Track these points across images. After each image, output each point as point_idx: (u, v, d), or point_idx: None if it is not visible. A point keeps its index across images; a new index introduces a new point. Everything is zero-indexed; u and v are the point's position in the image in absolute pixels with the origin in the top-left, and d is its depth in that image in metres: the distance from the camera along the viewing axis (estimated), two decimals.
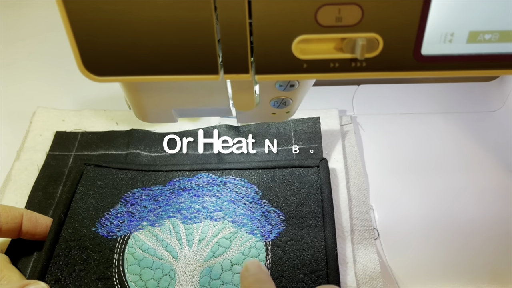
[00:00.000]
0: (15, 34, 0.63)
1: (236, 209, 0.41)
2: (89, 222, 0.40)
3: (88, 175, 0.43)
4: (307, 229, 0.39)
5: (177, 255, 0.38)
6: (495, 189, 0.45)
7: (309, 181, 0.42)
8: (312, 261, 0.37)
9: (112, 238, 0.39)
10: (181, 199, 0.42)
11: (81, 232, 0.39)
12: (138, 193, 0.42)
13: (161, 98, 0.31)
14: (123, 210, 0.41)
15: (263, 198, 0.41)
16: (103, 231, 0.39)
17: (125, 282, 0.37)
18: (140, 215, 0.41)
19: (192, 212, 0.41)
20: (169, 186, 0.43)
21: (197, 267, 0.37)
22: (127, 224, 0.40)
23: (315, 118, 0.48)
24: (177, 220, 0.40)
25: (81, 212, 0.40)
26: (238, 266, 0.37)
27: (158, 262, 0.38)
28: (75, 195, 0.42)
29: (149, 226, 0.40)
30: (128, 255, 0.38)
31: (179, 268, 0.37)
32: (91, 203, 0.41)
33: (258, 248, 0.38)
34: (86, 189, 0.42)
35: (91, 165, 0.44)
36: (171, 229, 0.40)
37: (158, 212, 0.41)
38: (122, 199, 0.42)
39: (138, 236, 0.39)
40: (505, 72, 0.23)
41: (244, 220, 0.40)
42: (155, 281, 0.37)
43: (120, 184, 0.43)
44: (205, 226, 0.40)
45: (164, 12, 0.21)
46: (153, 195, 0.42)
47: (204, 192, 0.42)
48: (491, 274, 0.40)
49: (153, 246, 0.39)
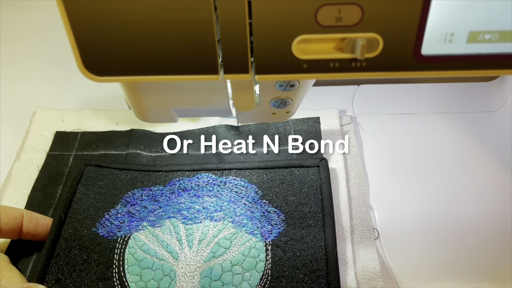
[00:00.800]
0: (15, 34, 0.63)
1: (236, 209, 0.41)
2: (89, 222, 0.40)
3: (88, 175, 0.43)
4: (307, 229, 0.39)
5: (177, 255, 0.38)
6: (495, 189, 0.45)
7: (309, 181, 0.42)
8: (312, 261, 0.37)
9: (113, 238, 0.39)
10: (181, 200, 0.42)
11: (82, 232, 0.39)
12: (138, 193, 0.42)
13: (161, 98, 0.31)
14: (123, 210, 0.41)
15: (263, 198, 0.41)
16: (103, 231, 0.39)
17: (126, 282, 0.36)
18: (140, 215, 0.41)
19: (192, 212, 0.41)
20: (169, 186, 0.43)
21: (197, 268, 0.37)
22: (127, 224, 0.40)
23: (315, 118, 0.48)
24: (177, 221, 0.40)
25: (81, 212, 0.40)
26: (238, 267, 0.37)
27: (158, 262, 0.38)
28: (75, 195, 0.41)
29: (149, 227, 0.40)
30: (129, 256, 0.38)
31: (180, 269, 0.37)
32: (91, 203, 0.41)
33: (258, 249, 0.38)
34: (86, 189, 0.42)
35: (91, 165, 0.44)
36: (171, 229, 0.40)
37: (158, 213, 0.41)
38: (122, 200, 0.42)
39: (138, 237, 0.39)
40: (505, 72, 0.23)
41: (244, 221, 0.40)
42: (156, 281, 0.37)
43: (120, 184, 0.43)
44: (205, 227, 0.40)
45: (164, 12, 0.21)
46: (153, 195, 0.42)
47: (204, 193, 0.42)
48: (490, 274, 0.40)
49: (154, 247, 0.38)
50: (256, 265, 0.37)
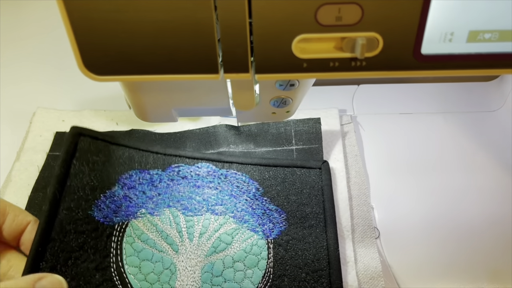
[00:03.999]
0: (15, 34, 0.63)
1: (237, 205, 0.40)
2: (85, 204, 0.38)
3: (82, 147, 0.40)
4: (309, 229, 0.38)
5: (177, 248, 0.37)
6: (495, 189, 0.45)
7: (311, 182, 0.41)
8: (314, 260, 0.36)
9: (109, 224, 0.38)
10: (180, 188, 0.41)
11: (77, 214, 0.37)
12: (136, 175, 0.41)
13: (161, 98, 0.31)
14: (120, 193, 0.39)
15: (264, 196, 0.41)
16: (99, 215, 0.38)
17: (124, 274, 0.36)
18: (138, 201, 0.39)
19: (192, 203, 0.40)
20: (168, 172, 0.41)
21: (198, 262, 0.37)
22: (124, 209, 0.39)
23: (316, 119, 0.48)
24: (177, 211, 0.39)
25: (77, 191, 0.38)
26: (240, 263, 0.37)
27: (158, 254, 0.37)
28: (69, 170, 0.38)
29: (148, 215, 0.39)
30: (127, 245, 0.37)
31: (180, 263, 0.37)
32: (87, 182, 0.39)
33: (260, 246, 0.38)
34: (81, 163, 0.39)
35: (86, 136, 0.41)
36: (171, 219, 0.39)
37: (157, 200, 0.40)
38: (119, 181, 0.40)
39: (136, 225, 0.38)
40: (505, 71, 0.23)
41: (246, 217, 0.39)
42: (156, 275, 0.36)
43: (117, 162, 0.41)
44: (206, 220, 0.39)
45: (164, 11, 0.21)
46: (152, 180, 0.41)
47: (204, 183, 0.41)
48: (491, 273, 0.40)
49: (153, 237, 0.38)
50: (258, 263, 0.37)
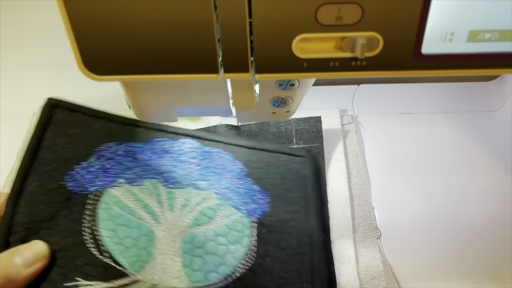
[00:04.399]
0: (15, 34, 0.63)
1: (222, 182, 0.38)
2: (58, 175, 0.36)
3: (57, 119, 0.38)
4: (292, 214, 0.37)
5: (157, 217, 0.35)
6: (495, 189, 0.45)
7: (295, 169, 0.40)
8: (297, 244, 0.36)
9: (83, 193, 0.35)
10: (162, 161, 0.38)
11: (49, 185, 0.35)
12: (114, 147, 0.38)
13: (161, 98, 0.31)
14: (97, 163, 0.37)
15: (248, 176, 0.39)
16: (73, 185, 0.35)
17: (98, 237, 0.34)
18: (116, 171, 0.37)
19: (174, 177, 0.38)
20: (150, 145, 0.39)
21: (179, 233, 0.35)
22: (100, 180, 0.36)
23: (317, 118, 0.48)
24: (157, 182, 0.37)
25: (49, 163, 0.36)
26: (223, 238, 0.35)
27: (135, 221, 0.35)
28: (42, 142, 0.36)
29: (126, 185, 0.36)
30: (102, 211, 0.35)
31: (159, 232, 0.35)
32: (61, 154, 0.36)
33: (243, 224, 0.36)
34: (55, 135, 0.37)
35: (61, 108, 0.39)
36: (151, 190, 0.37)
37: (137, 171, 0.37)
38: (96, 152, 0.37)
39: (113, 193, 0.36)
40: (505, 71, 0.23)
41: (229, 194, 0.38)
42: (132, 240, 0.34)
43: (95, 135, 0.38)
44: (188, 193, 0.37)
45: (164, 11, 0.21)
46: (132, 152, 0.38)
47: (188, 159, 0.39)
48: (491, 273, 0.40)
49: (131, 205, 0.35)
50: (241, 240, 0.36)
